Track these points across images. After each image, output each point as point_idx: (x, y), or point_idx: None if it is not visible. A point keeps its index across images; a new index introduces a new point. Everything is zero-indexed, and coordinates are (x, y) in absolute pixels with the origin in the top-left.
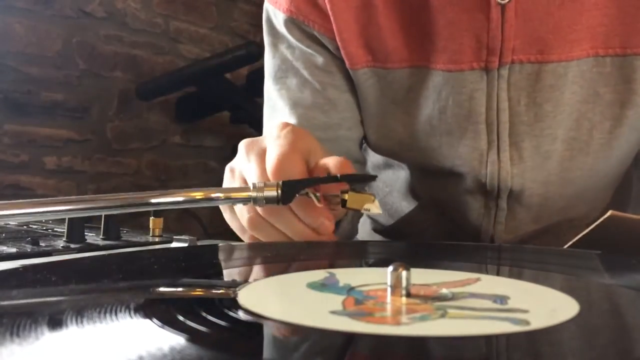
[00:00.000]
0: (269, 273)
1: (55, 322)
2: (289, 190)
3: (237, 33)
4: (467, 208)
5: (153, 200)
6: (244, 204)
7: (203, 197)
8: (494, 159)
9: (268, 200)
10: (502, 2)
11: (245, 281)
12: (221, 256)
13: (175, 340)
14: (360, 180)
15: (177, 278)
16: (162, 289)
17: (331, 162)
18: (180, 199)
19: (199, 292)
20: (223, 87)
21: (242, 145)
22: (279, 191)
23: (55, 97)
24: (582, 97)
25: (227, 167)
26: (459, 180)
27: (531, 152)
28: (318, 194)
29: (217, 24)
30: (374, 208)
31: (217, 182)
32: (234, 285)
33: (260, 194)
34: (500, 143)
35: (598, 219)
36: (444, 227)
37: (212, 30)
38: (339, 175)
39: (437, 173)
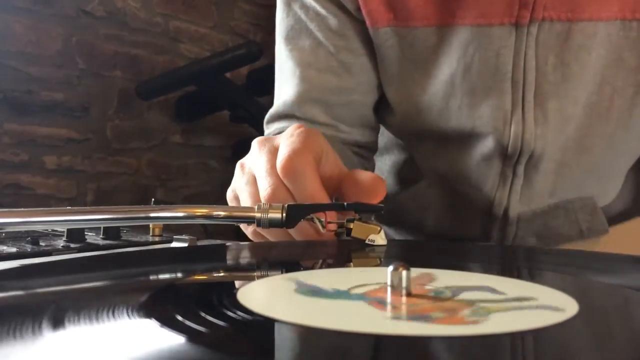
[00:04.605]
0: (270, 273)
1: (55, 322)
2: (294, 213)
3: (237, 32)
4: (481, 177)
5: (153, 215)
6: (247, 225)
7: (205, 214)
8: (519, 119)
9: (272, 223)
10: None
11: (246, 280)
12: (221, 256)
13: (175, 340)
14: (367, 210)
15: (177, 278)
16: (162, 288)
17: (366, 178)
18: (181, 214)
19: (199, 291)
20: (223, 86)
21: (255, 142)
22: (284, 214)
23: (55, 97)
24: (607, 61)
25: (238, 163)
26: (477, 144)
27: (555, 113)
28: (323, 219)
29: (217, 23)
30: (379, 239)
31: (217, 181)
32: (235, 284)
33: (264, 216)
34: (525, 103)
35: (607, 206)
36: (451, 204)
37: (212, 30)
38: (345, 203)
39: (453, 139)
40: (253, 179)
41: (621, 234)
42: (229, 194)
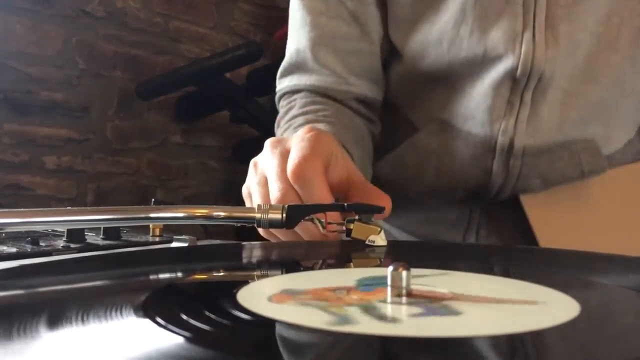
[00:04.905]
0: (269, 273)
1: (54, 322)
2: (294, 214)
3: (237, 33)
4: (487, 109)
5: (153, 215)
6: (247, 225)
7: (205, 214)
8: (530, 40)
9: (272, 223)
10: None
11: (246, 281)
12: (221, 256)
13: (175, 340)
14: (367, 211)
15: (177, 278)
16: (162, 288)
17: (375, 191)
18: (181, 214)
19: (199, 291)
20: (223, 86)
21: (268, 142)
22: (284, 215)
23: (55, 97)
24: None
25: (252, 161)
26: (487, 71)
27: (565, 37)
28: (323, 220)
29: (217, 23)
30: (379, 240)
31: (217, 181)
32: (234, 284)
33: (264, 216)
34: (536, 24)
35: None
36: (453, 148)
37: (212, 30)
38: (345, 204)
39: (462, 73)
40: (265, 180)
41: (618, 175)
42: (244, 191)
